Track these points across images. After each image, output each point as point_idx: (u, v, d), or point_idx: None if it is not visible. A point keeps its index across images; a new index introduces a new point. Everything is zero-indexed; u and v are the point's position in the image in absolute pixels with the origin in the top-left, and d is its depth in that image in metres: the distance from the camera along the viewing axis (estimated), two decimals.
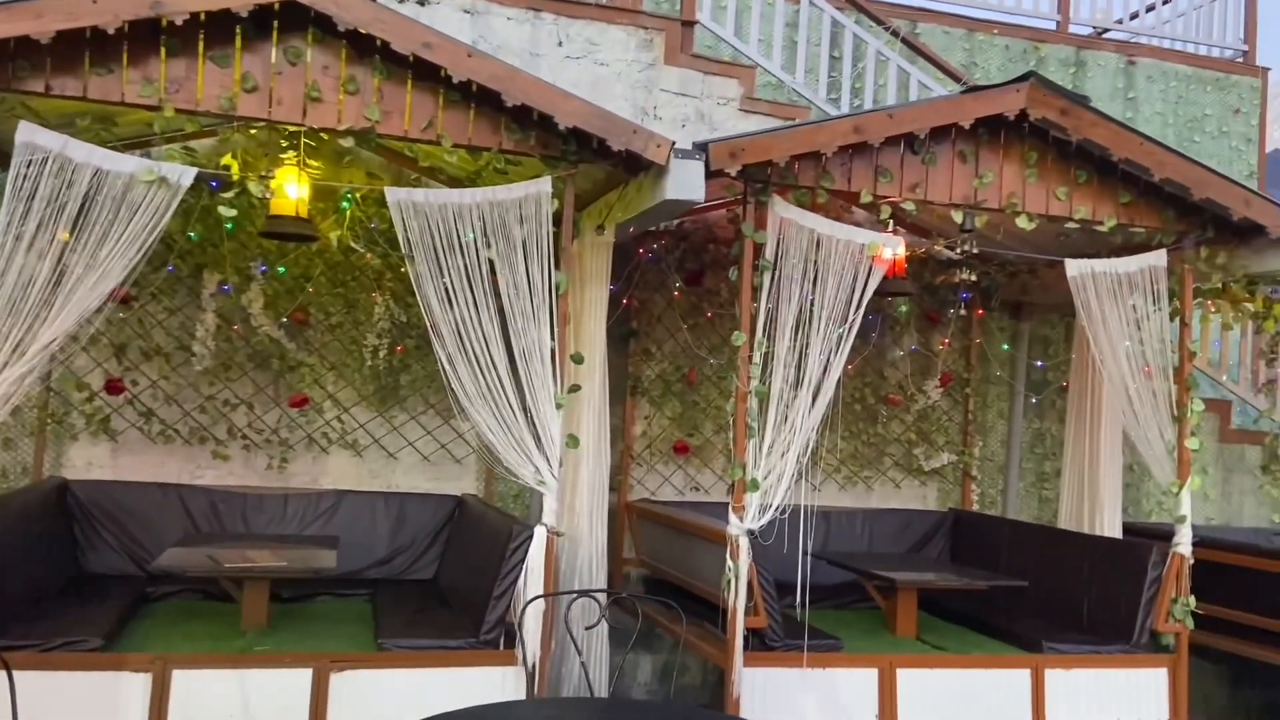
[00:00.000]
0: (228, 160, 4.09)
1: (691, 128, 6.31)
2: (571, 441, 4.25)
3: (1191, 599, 4.79)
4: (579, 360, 4.35)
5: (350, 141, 3.97)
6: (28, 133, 3.64)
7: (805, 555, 4.40)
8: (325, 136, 3.96)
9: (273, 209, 4.16)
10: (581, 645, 4.04)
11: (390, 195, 3.98)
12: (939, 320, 6.80)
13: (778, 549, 4.37)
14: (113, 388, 5.42)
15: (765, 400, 4.27)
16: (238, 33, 3.71)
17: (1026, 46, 8.42)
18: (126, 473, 5.40)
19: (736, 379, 4.32)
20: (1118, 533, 5.80)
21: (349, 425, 5.74)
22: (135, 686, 3.82)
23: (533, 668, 3.99)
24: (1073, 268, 4.81)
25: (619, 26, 6.65)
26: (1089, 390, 5.91)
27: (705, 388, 6.31)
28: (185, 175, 3.76)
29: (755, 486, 4.24)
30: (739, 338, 4.30)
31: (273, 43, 3.75)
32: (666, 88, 6.65)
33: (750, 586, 4.26)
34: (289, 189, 4.11)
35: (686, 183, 4.02)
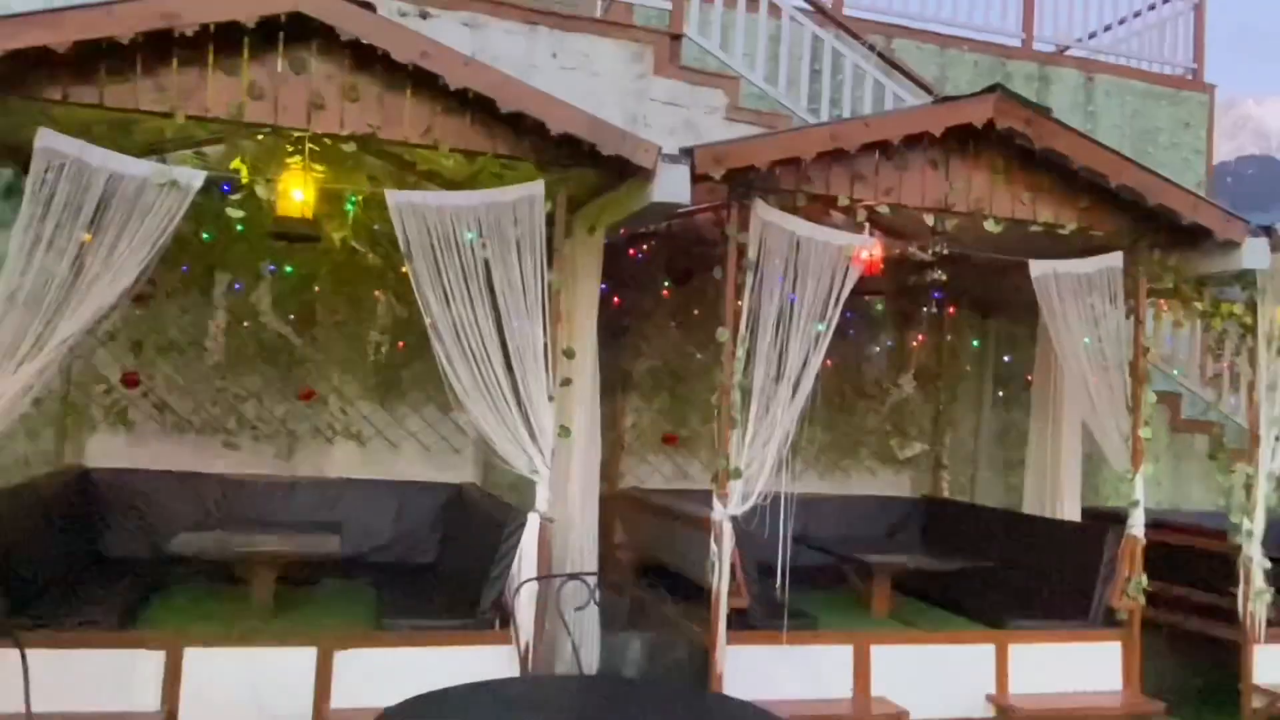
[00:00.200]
0: (236, 164, 4.02)
1: (679, 135, 6.24)
2: (563, 433, 4.21)
3: (1144, 577, 4.79)
4: (571, 355, 4.30)
5: (353, 146, 3.94)
6: (47, 139, 3.59)
7: (785, 540, 4.36)
8: (329, 141, 3.90)
9: (280, 211, 4.09)
10: (572, 626, 3.99)
11: (391, 198, 3.92)
12: (913, 318, 6.77)
13: (760, 534, 4.34)
14: (129, 381, 5.37)
15: (748, 393, 4.24)
16: (245, 43, 3.64)
17: (994, 62, 8.42)
18: (142, 461, 5.34)
19: (721, 373, 4.28)
20: (1077, 516, 5.80)
21: (353, 417, 5.69)
22: (150, 664, 3.77)
23: (526, 647, 3.96)
24: (1036, 269, 4.80)
25: (611, 39, 6.60)
26: (1051, 384, 5.90)
27: (692, 382, 6.25)
28: (195, 178, 3.72)
29: (738, 475, 4.22)
30: (723, 334, 4.26)
31: (279, 53, 3.69)
32: (656, 97, 6.62)
33: (733, 569, 4.23)
34: (295, 192, 4.05)
35: (673, 187, 4.00)
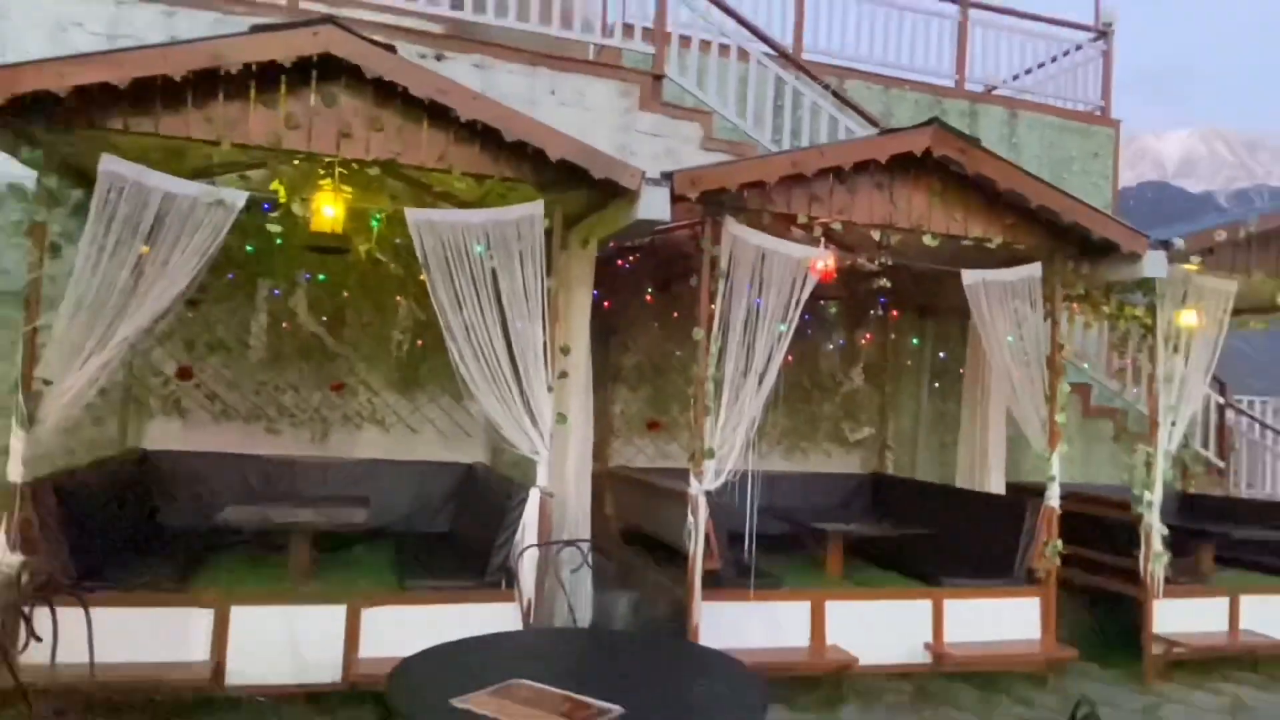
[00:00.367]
0: (275, 186, 4.03)
1: (661, 162, 6.27)
2: (560, 419, 4.22)
3: (1059, 542, 4.85)
4: (567, 352, 4.31)
5: (376, 170, 3.95)
6: (109, 163, 3.61)
7: (752, 511, 4.41)
8: (356, 166, 3.90)
9: (313, 227, 4.10)
10: (568, 585, 4.04)
11: (410, 215, 3.93)
12: (862, 320, 6.84)
13: (730, 506, 4.38)
14: (183, 374, 5.37)
15: (720, 385, 4.26)
16: (283, 80, 3.66)
17: (931, 99, 8.50)
18: (195, 444, 5.34)
19: (697, 367, 4.31)
20: (1001, 490, 5.86)
21: (378, 406, 5.68)
22: (201, 620, 3.80)
23: (528, 604, 3.99)
24: (967, 277, 4.83)
25: (602, 79, 6.63)
26: (980, 376, 5.97)
27: (672, 375, 6.28)
28: (239, 198, 3.74)
29: (711, 455, 4.24)
30: (699, 334, 4.29)
31: (312, 89, 3.70)
32: (641, 129, 6.64)
33: (707, 536, 4.25)
34: (326, 210, 4.05)
35: (655, 206, 4.02)
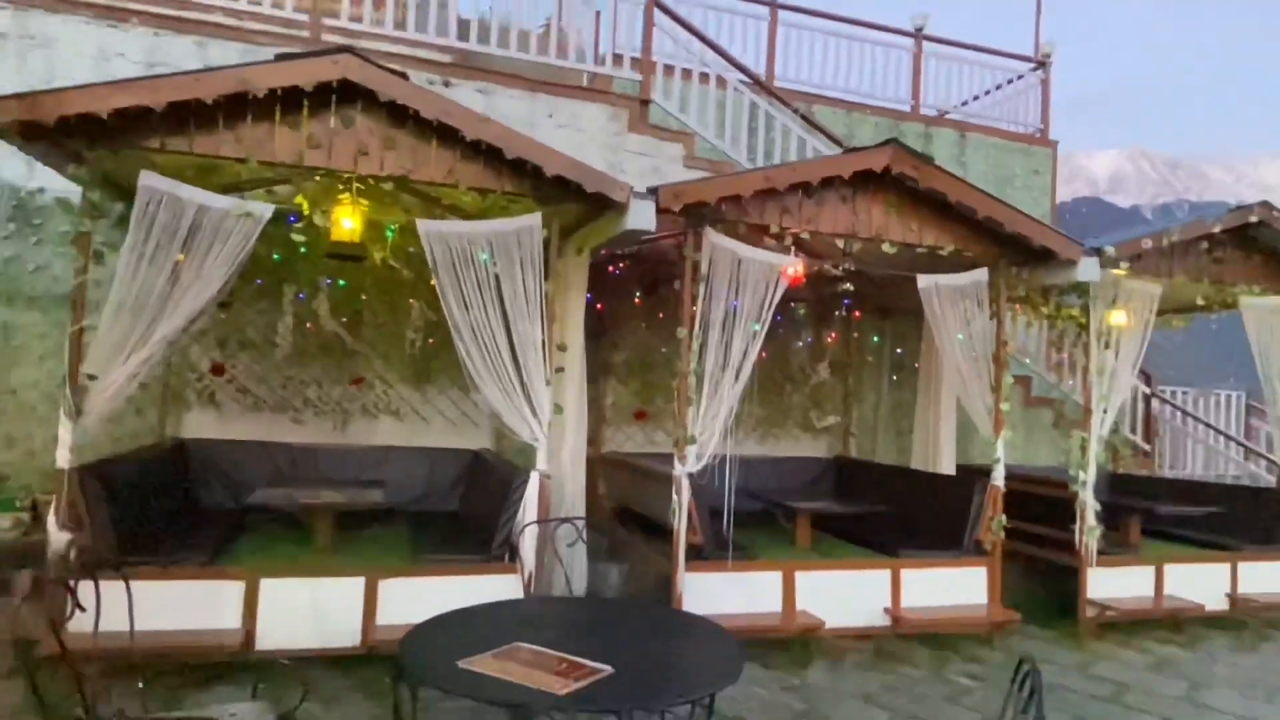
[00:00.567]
0: (299, 199, 3.95)
1: (648, 178, 6.21)
2: (557, 409, 4.17)
3: (1003, 517, 4.82)
4: (563, 349, 4.26)
5: (390, 185, 3.88)
6: (148, 179, 3.55)
7: (730, 491, 4.36)
8: (372, 181, 3.83)
9: (333, 236, 4.02)
10: (565, 558, 3.98)
11: (421, 226, 3.87)
12: (828, 319, 6.79)
13: (710, 486, 4.34)
14: (216, 370, 5.30)
15: (701, 378, 4.23)
16: (305, 104, 3.59)
17: (890, 122, 8.44)
18: (227, 433, 5.27)
19: (680, 363, 4.26)
20: (952, 471, 5.84)
21: (393, 398, 5.62)
22: (233, 591, 3.73)
23: (529, 575, 3.94)
24: (922, 281, 4.81)
25: (595, 104, 6.55)
26: (933, 370, 5.93)
27: (658, 369, 6.22)
28: (266, 210, 3.67)
29: (693, 441, 4.21)
30: (682, 332, 4.25)
31: (331, 111, 3.64)
32: (630, 149, 6.57)
33: (690, 514, 4.22)
34: (345, 221, 3.98)
35: (642, 217, 3.98)
